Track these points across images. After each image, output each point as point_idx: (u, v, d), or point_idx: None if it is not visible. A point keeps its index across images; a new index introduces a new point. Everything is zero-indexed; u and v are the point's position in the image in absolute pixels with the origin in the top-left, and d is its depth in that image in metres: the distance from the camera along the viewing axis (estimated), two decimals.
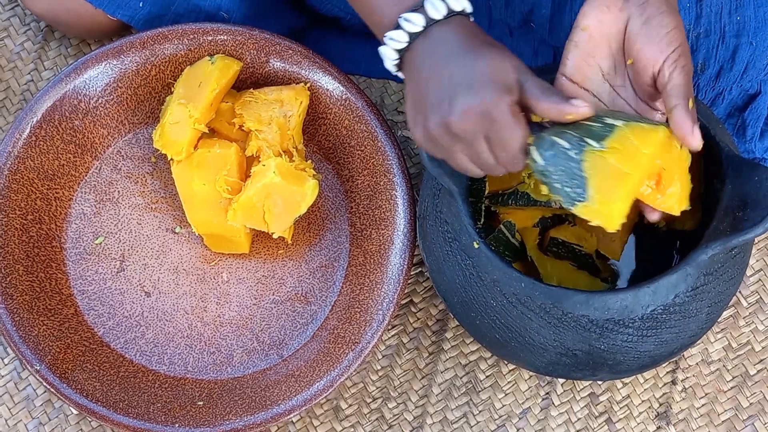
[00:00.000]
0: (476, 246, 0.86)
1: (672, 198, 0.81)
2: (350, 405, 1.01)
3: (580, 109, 0.78)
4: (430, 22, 0.81)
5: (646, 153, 0.78)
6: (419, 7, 0.80)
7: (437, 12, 0.80)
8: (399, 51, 0.82)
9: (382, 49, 0.83)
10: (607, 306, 0.84)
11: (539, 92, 0.78)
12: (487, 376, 1.02)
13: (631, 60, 0.81)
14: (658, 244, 0.99)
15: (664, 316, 0.85)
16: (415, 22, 0.81)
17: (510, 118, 0.78)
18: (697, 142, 0.79)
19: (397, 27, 0.82)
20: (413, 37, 0.81)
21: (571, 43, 0.82)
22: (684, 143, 0.80)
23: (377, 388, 1.02)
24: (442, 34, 0.80)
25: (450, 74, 0.79)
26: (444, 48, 0.80)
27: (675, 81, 0.79)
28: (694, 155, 0.91)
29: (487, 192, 0.97)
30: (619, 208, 0.78)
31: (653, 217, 0.82)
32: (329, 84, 1.02)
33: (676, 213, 0.82)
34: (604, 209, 0.78)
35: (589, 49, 0.82)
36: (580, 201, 0.78)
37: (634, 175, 0.78)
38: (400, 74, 0.84)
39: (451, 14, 0.81)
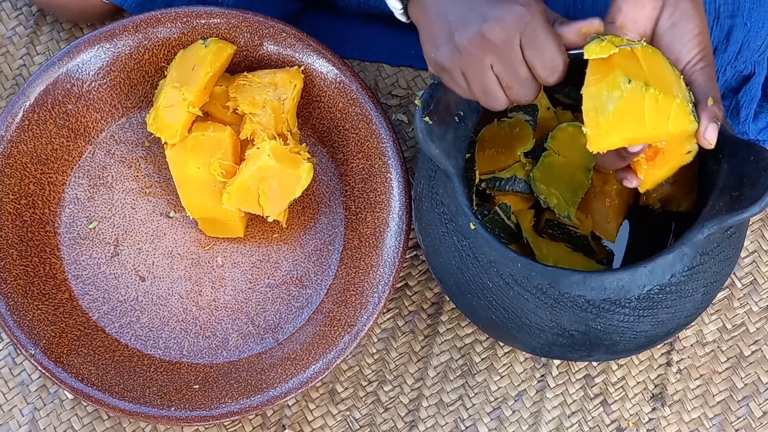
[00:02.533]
0: (473, 227, 0.86)
1: (650, 178, 0.84)
2: (346, 388, 1.01)
3: (593, 22, 0.79)
4: None
5: (670, 129, 0.80)
6: None
7: None
8: (402, 0, 0.82)
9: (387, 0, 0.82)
10: (604, 286, 0.84)
11: (553, 20, 0.79)
12: (482, 359, 1.02)
13: None
14: (653, 226, 0.99)
15: (660, 296, 0.86)
16: None
17: (544, 23, 0.77)
18: (707, 141, 0.80)
19: None
20: None
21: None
22: (697, 139, 0.81)
23: (373, 372, 1.02)
24: None
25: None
26: None
27: (697, 82, 0.81)
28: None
29: (480, 174, 0.97)
30: (614, 141, 0.79)
31: (631, 183, 0.84)
32: (323, 67, 1.01)
33: (641, 189, 0.85)
34: (604, 130, 0.79)
35: None
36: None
37: (646, 132, 0.79)
38: (403, 18, 0.83)
39: None
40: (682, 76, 0.81)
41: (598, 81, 0.79)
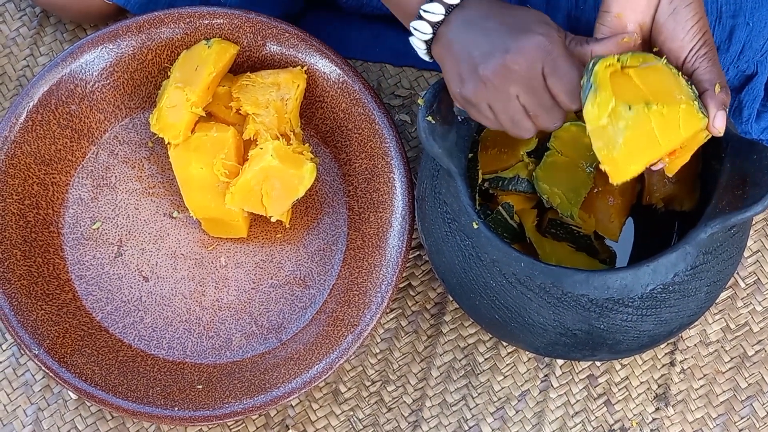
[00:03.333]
0: (475, 226, 0.86)
1: (673, 165, 0.83)
2: (349, 388, 1.01)
3: (625, 36, 0.80)
4: (449, 9, 0.81)
5: (683, 135, 0.79)
6: None
7: None
8: (426, 42, 0.83)
9: (411, 40, 0.84)
10: (607, 285, 0.84)
11: (581, 40, 0.81)
12: (485, 359, 1.02)
13: (656, 48, 0.82)
14: (656, 225, 0.99)
15: (663, 295, 0.85)
16: (434, 11, 0.82)
17: (564, 50, 0.79)
18: (717, 129, 0.80)
19: (419, 17, 0.82)
20: (435, 26, 0.82)
21: (601, 27, 0.82)
22: (707, 130, 0.81)
23: (376, 372, 1.02)
24: (464, 15, 0.81)
25: (495, 28, 0.80)
26: (471, 27, 0.81)
27: (700, 70, 0.81)
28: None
29: (483, 174, 0.97)
30: (635, 170, 0.79)
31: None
32: (326, 67, 1.01)
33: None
34: (621, 164, 0.78)
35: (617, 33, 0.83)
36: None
37: (662, 149, 0.79)
38: (427, 57, 0.85)
39: None
40: (680, 73, 0.81)
41: (601, 114, 0.79)
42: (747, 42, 1.00)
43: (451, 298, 1.02)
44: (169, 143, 0.99)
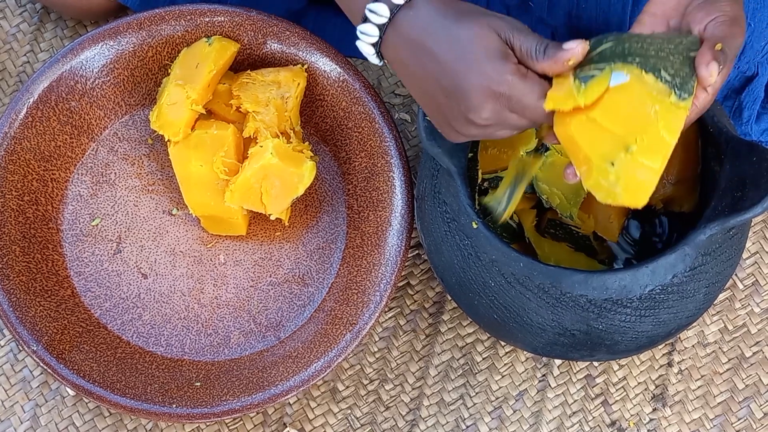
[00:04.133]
0: (475, 226, 0.86)
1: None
2: (347, 387, 1.01)
3: (576, 49, 0.75)
4: (395, 9, 0.78)
5: (675, 136, 0.75)
6: None
7: None
8: (374, 45, 0.81)
9: (358, 44, 0.81)
10: (606, 286, 0.84)
11: (534, 52, 0.76)
12: (483, 358, 1.02)
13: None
14: (655, 226, 0.99)
15: (662, 296, 0.86)
16: (380, 13, 0.79)
17: (521, 86, 0.76)
18: (707, 75, 0.75)
19: (365, 20, 0.80)
20: (383, 28, 0.79)
21: (637, 24, 0.80)
22: (699, 73, 0.76)
23: (374, 370, 1.02)
24: (410, 17, 0.78)
25: (441, 64, 0.77)
26: (420, 36, 0.78)
27: (710, 29, 0.77)
28: (692, 136, 0.91)
29: (482, 173, 0.97)
30: (648, 195, 0.76)
31: None
32: (326, 66, 1.01)
33: None
34: (634, 199, 0.76)
35: (651, 28, 0.80)
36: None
37: (666, 157, 0.75)
38: (377, 61, 0.82)
39: None
40: (643, 66, 0.76)
41: (588, 173, 0.76)
42: (748, 43, 1.00)
43: (450, 298, 1.02)
44: (169, 140, 0.99)
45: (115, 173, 1.04)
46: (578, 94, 0.75)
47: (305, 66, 1.01)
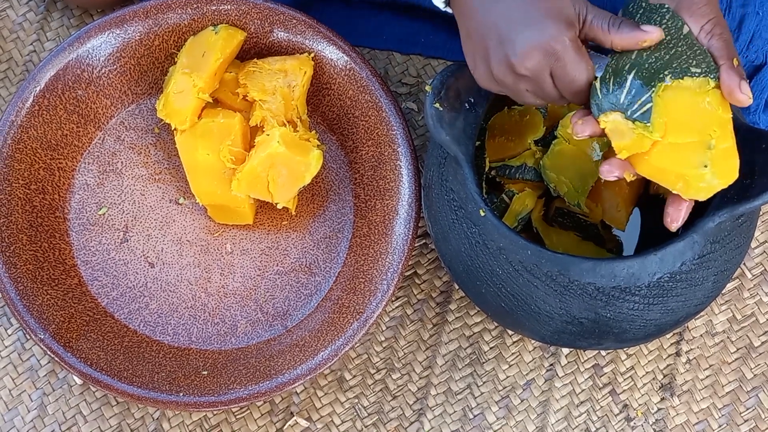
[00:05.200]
0: (482, 214, 0.86)
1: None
2: (354, 376, 1.01)
3: (653, 35, 0.78)
4: None
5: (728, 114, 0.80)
6: None
7: None
8: None
9: None
10: (614, 273, 0.84)
11: (607, 24, 0.78)
12: (491, 348, 1.02)
13: None
14: (662, 215, 0.98)
15: (670, 284, 0.85)
16: None
17: (574, 54, 0.78)
18: (744, 97, 0.79)
19: None
20: None
21: None
22: (732, 100, 0.80)
23: (381, 360, 1.02)
24: None
25: (507, 9, 0.78)
26: None
27: (714, 47, 0.80)
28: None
29: (490, 162, 0.97)
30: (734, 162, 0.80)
31: None
32: (333, 54, 1.01)
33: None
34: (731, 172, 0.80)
35: None
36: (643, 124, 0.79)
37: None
38: (449, 9, 0.84)
39: None
40: (690, 43, 0.80)
41: (686, 186, 0.80)
42: (756, 32, 0.99)
43: (457, 287, 1.02)
44: (175, 129, 0.99)
45: (122, 162, 1.03)
46: (652, 133, 0.79)
47: (312, 54, 1.01)
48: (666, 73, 0.79)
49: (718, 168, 0.79)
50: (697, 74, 0.79)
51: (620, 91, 0.79)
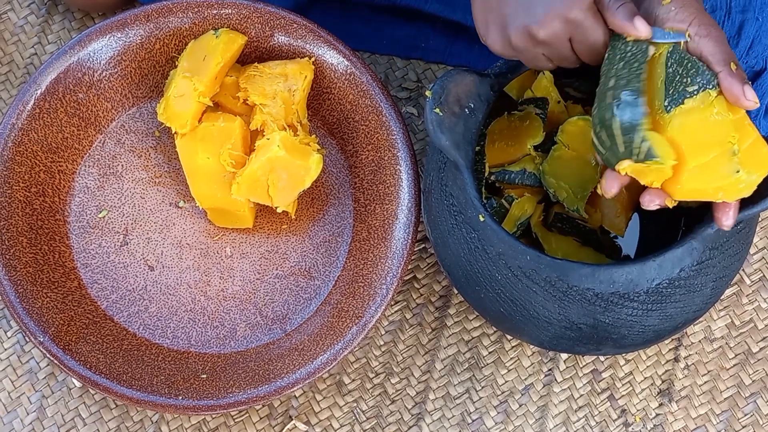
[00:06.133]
0: (482, 219, 0.86)
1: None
2: (353, 380, 1.01)
3: (640, 33, 0.80)
4: None
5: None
6: None
7: None
8: None
9: None
10: (613, 279, 0.84)
11: (612, 2, 0.80)
12: (489, 352, 1.02)
13: None
14: (661, 220, 0.99)
15: (669, 290, 0.85)
16: None
17: (592, 20, 0.80)
18: (751, 103, 0.79)
19: None
20: None
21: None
22: (737, 105, 0.79)
23: (380, 364, 1.02)
24: None
25: None
26: None
27: (705, 51, 0.80)
28: None
29: (489, 167, 0.97)
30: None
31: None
32: (334, 58, 1.01)
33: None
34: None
35: None
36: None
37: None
38: None
39: None
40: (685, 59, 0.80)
41: (728, 194, 0.80)
42: (756, 37, 0.99)
43: (456, 292, 1.02)
44: (175, 133, 0.99)
45: (122, 165, 1.04)
46: (666, 163, 0.79)
47: (312, 59, 1.01)
48: (666, 101, 0.79)
49: (750, 166, 0.79)
50: (695, 92, 0.79)
51: (615, 146, 0.80)
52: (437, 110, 0.85)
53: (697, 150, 0.79)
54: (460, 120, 0.86)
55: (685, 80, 0.79)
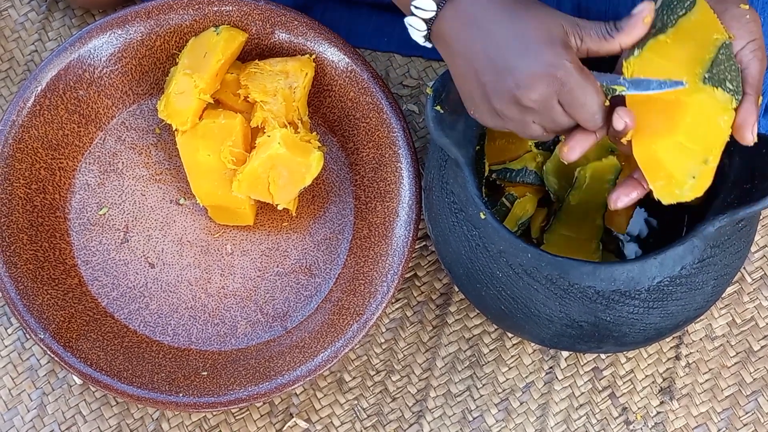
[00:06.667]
0: (483, 217, 0.86)
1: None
2: (354, 377, 1.01)
3: (645, 8, 0.75)
4: (441, 4, 0.77)
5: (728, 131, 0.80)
6: None
7: None
8: (427, 21, 0.78)
9: (409, 20, 0.79)
10: (614, 277, 0.84)
11: (605, 30, 0.75)
12: (490, 350, 1.02)
13: None
14: (663, 218, 0.99)
15: (670, 288, 0.85)
16: (425, 8, 0.78)
17: (578, 76, 0.74)
18: (752, 138, 0.79)
19: (412, 14, 0.78)
20: (441, 4, 0.77)
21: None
22: (738, 135, 0.79)
23: (381, 361, 1.02)
24: (460, 10, 0.76)
25: (496, 42, 0.74)
26: (478, 13, 0.76)
27: (751, 70, 0.79)
28: None
29: (490, 165, 0.97)
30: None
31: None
32: (335, 56, 1.01)
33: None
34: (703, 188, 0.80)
35: None
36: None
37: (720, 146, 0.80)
38: (428, 44, 0.80)
39: None
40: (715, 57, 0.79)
41: (666, 187, 0.80)
42: None
43: (457, 289, 1.02)
44: (176, 130, 0.99)
45: (123, 162, 1.04)
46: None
47: (313, 56, 1.01)
48: (701, 72, 0.78)
49: (699, 183, 0.79)
50: (729, 90, 0.79)
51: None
52: (438, 108, 0.85)
53: (692, 132, 0.78)
54: (460, 117, 0.86)
55: (726, 74, 0.78)
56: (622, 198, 0.81)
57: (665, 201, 0.79)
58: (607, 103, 0.77)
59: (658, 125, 0.78)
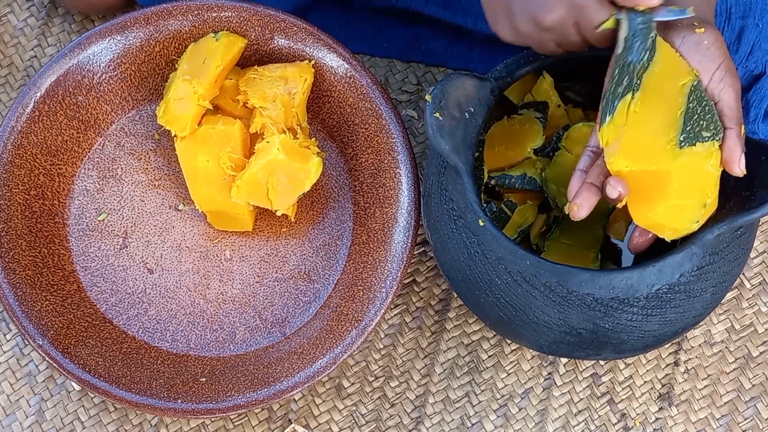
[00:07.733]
0: (482, 224, 0.86)
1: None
2: (352, 383, 1.01)
3: (650, 2, 0.81)
4: None
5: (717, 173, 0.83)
6: None
7: None
8: None
9: None
10: (613, 285, 0.84)
11: None
12: (489, 356, 1.02)
13: None
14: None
15: (669, 295, 0.85)
16: None
17: (595, 2, 0.81)
18: (739, 172, 0.81)
19: None
20: None
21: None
22: (727, 167, 0.82)
23: (380, 367, 1.02)
24: None
25: None
26: None
27: (725, 101, 0.81)
28: None
29: (489, 171, 0.97)
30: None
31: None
32: (334, 62, 1.01)
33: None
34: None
35: None
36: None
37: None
38: None
39: None
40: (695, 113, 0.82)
41: (672, 235, 0.84)
42: (756, 43, 0.99)
43: (456, 295, 1.02)
44: (175, 136, 0.99)
45: (122, 168, 1.04)
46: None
47: (312, 62, 1.01)
48: (675, 136, 0.81)
49: (704, 217, 0.83)
50: (707, 138, 0.81)
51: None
52: (437, 114, 0.85)
53: (683, 192, 0.81)
54: (460, 124, 0.86)
55: (701, 123, 0.81)
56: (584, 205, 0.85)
57: (667, 237, 0.84)
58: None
59: (649, 191, 0.82)
